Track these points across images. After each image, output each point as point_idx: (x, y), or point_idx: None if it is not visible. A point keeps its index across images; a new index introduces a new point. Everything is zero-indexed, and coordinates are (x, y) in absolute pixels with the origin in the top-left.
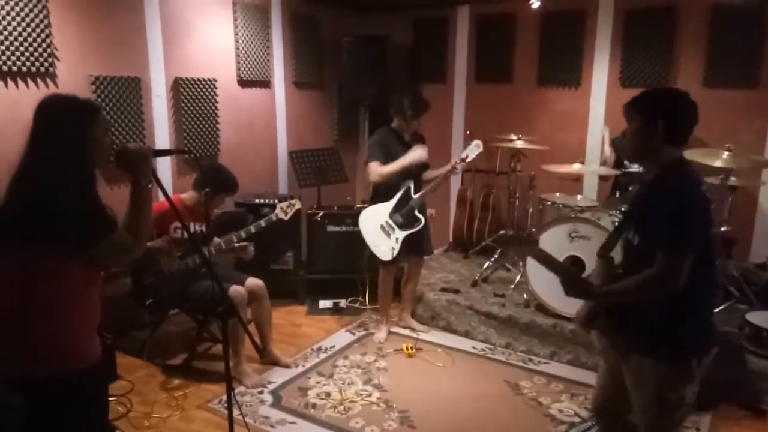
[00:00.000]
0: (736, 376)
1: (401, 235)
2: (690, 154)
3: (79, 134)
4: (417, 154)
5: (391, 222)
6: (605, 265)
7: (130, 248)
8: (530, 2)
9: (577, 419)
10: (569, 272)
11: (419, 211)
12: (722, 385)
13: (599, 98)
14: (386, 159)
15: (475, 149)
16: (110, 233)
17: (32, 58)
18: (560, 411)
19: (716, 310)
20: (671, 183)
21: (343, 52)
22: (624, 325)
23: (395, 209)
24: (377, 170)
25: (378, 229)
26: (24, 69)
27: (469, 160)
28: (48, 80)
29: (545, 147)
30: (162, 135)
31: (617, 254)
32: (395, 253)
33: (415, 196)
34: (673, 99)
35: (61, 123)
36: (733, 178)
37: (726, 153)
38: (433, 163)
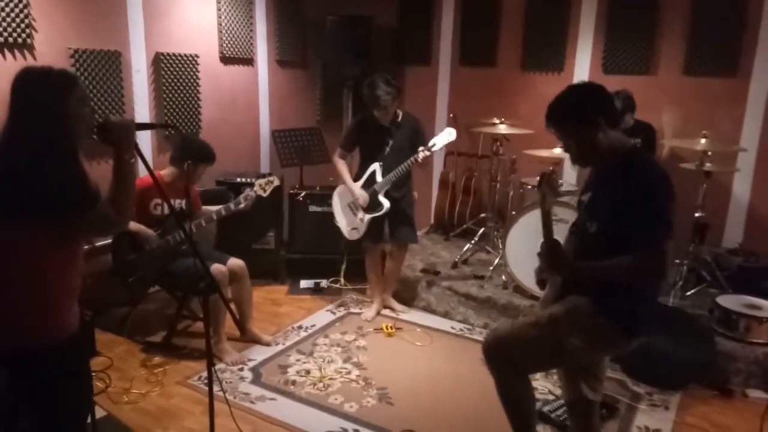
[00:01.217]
0: (705, 358)
1: (365, 217)
2: (667, 140)
3: (56, 106)
4: (356, 193)
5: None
6: (575, 242)
7: (114, 222)
8: None
9: (551, 397)
10: (555, 246)
11: (385, 196)
12: (692, 365)
13: None
14: (353, 146)
15: (445, 137)
16: (94, 206)
17: (9, 29)
18: (534, 389)
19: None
20: (640, 172)
21: (327, 31)
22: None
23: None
24: (335, 158)
25: (345, 208)
26: (0, 40)
27: (435, 148)
28: (25, 51)
29: (528, 131)
30: (142, 111)
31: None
32: (359, 233)
33: (379, 181)
34: (589, 92)
35: (37, 95)
36: (708, 164)
37: (702, 140)
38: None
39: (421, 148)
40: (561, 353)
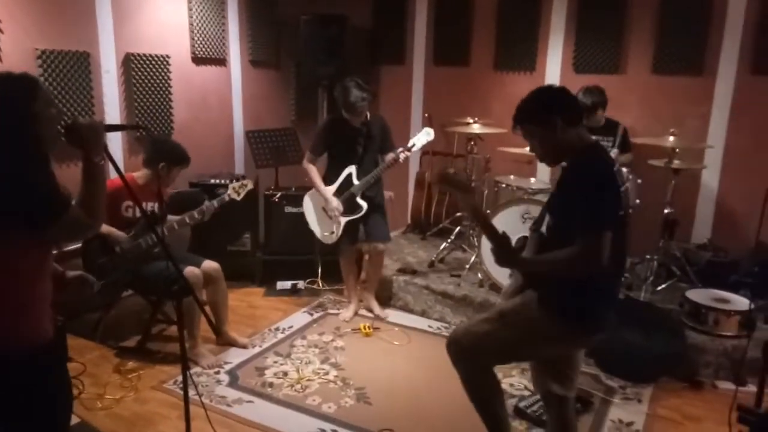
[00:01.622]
0: (676, 351)
1: (342, 220)
2: (636, 138)
3: (21, 109)
4: (332, 204)
5: None
6: (536, 239)
7: (86, 226)
8: None
9: (526, 392)
10: (500, 238)
11: (363, 198)
12: (664, 359)
13: (553, 83)
14: (324, 150)
15: (423, 137)
16: (65, 212)
17: None
18: (511, 385)
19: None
20: (585, 164)
21: (301, 31)
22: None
23: (336, 194)
24: (304, 163)
25: (319, 212)
26: None
27: (415, 149)
28: None
29: (501, 130)
30: (113, 112)
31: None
32: (335, 237)
33: (356, 183)
34: (549, 95)
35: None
36: (676, 161)
37: (671, 137)
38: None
39: (400, 149)
40: (513, 347)
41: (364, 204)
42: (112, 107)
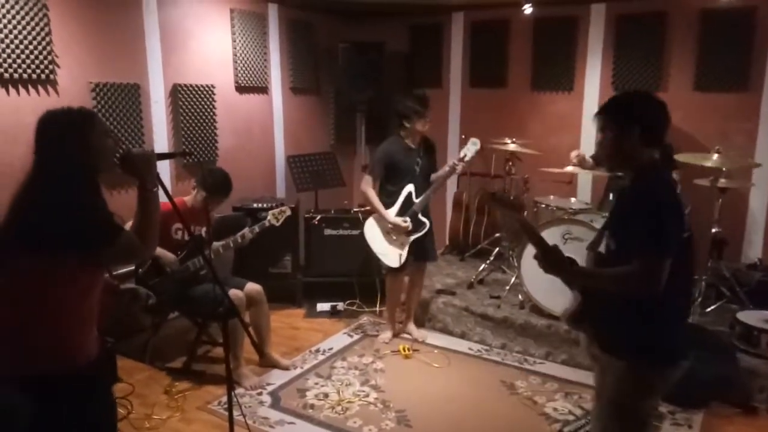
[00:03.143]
0: (727, 374)
1: (407, 240)
2: (680, 157)
3: (79, 143)
4: (402, 224)
5: None
6: (593, 259)
7: (139, 251)
8: (523, 8)
9: (571, 417)
10: (547, 246)
11: (423, 215)
12: (714, 383)
13: (592, 102)
14: (386, 172)
15: (472, 147)
16: (116, 238)
17: (33, 66)
18: (555, 409)
19: (690, 319)
20: (648, 187)
21: (339, 58)
22: (599, 325)
23: (399, 214)
24: (364, 187)
25: (384, 236)
26: (25, 76)
27: (467, 158)
28: (49, 87)
29: (539, 151)
30: (161, 141)
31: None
32: (403, 258)
33: (417, 200)
34: (645, 103)
35: (59, 136)
36: (723, 180)
37: (715, 155)
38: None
39: (453, 161)
40: (634, 419)
41: (426, 220)
42: (160, 136)
